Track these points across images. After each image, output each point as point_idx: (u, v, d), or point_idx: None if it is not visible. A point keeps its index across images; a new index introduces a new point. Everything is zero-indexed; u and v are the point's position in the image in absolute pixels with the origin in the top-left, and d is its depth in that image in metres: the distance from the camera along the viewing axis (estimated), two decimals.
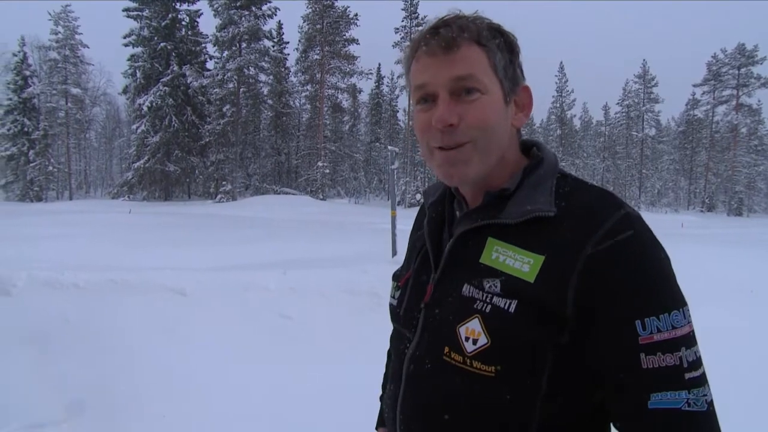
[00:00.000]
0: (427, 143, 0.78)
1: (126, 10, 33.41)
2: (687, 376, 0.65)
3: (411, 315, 0.82)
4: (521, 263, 0.70)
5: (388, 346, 1.02)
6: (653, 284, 0.68)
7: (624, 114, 51.03)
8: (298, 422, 2.84)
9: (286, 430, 2.76)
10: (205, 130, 33.08)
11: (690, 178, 52.21)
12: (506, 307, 0.69)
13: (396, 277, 0.92)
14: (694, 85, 48.37)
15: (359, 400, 3.06)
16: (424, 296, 0.80)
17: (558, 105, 49.16)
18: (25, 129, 33.27)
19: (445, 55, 0.73)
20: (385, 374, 1.06)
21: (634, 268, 0.67)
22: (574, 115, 54.22)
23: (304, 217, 18.19)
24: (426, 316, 0.79)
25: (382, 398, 1.04)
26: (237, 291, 4.99)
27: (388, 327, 0.98)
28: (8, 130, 33.17)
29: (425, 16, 41.02)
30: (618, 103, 51.70)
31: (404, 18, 41.11)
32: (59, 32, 37.83)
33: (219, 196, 30.48)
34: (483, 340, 0.70)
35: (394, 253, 6.35)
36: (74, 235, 9.15)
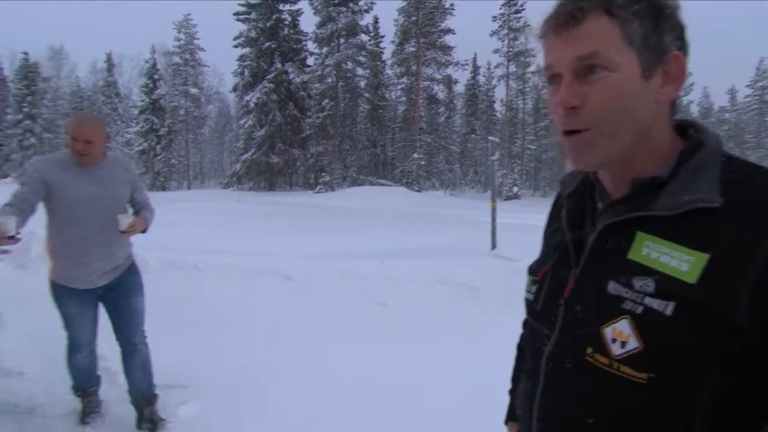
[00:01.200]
0: (557, 126, 0.73)
1: (236, 14, 35.88)
2: None
3: (549, 311, 0.77)
4: (679, 261, 0.62)
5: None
6: None
7: (756, 98, 45.24)
8: (393, 406, 2.86)
9: (381, 413, 2.80)
10: (305, 124, 34.68)
11: None
12: (662, 310, 0.62)
13: (532, 270, 0.86)
14: None
15: (456, 388, 3.03)
16: (563, 292, 0.75)
17: None
18: (154, 126, 37.33)
19: (568, 33, 0.67)
20: (515, 368, 1.02)
21: None
22: (692, 101, 48.98)
23: (399, 208, 18.38)
24: (566, 313, 0.73)
25: (511, 392, 1.00)
26: (337, 278, 5.16)
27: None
28: (141, 127, 37.56)
29: (524, 3, 39.39)
30: (749, 86, 45.89)
31: (502, 5, 39.76)
32: (181, 39, 42.12)
33: (318, 187, 31.82)
34: (633, 343, 0.63)
35: (494, 246, 6.18)
36: (193, 221, 10.06)
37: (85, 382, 2.72)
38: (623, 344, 0.64)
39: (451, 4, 35.68)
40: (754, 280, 0.58)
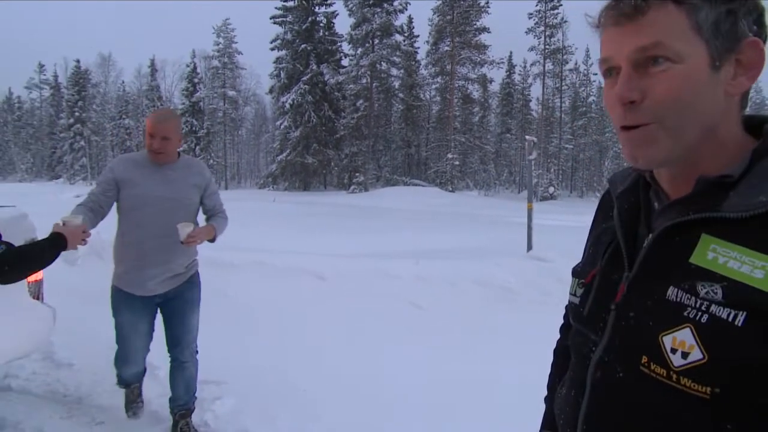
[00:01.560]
0: (613, 121, 0.68)
1: (273, 17, 36.57)
2: None
3: (598, 316, 0.72)
4: (752, 267, 0.57)
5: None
6: None
7: None
8: (426, 406, 2.85)
9: (414, 413, 2.79)
10: (340, 124, 35.00)
11: None
12: (731, 319, 0.57)
13: (577, 273, 0.81)
14: None
15: (488, 390, 2.99)
16: (615, 296, 0.70)
17: None
18: (193, 128, 38.51)
19: (630, 23, 0.63)
20: (552, 375, 0.97)
21: None
22: None
23: (433, 208, 18.31)
24: (617, 318, 0.69)
25: (547, 399, 0.96)
26: (370, 278, 5.18)
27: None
28: (181, 130, 38.79)
29: (560, 1, 38.52)
30: None
31: (538, 2, 39.02)
32: (220, 43, 43.41)
33: (352, 187, 32.03)
34: (697, 354, 0.58)
35: (529, 247, 6.07)
36: (229, 220, 10.31)
37: (130, 379, 2.76)
38: (685, 355, 0.59)
39: (487, 2, 35.24)
40: None
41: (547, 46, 39.51)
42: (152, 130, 2.35)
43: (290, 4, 35.59)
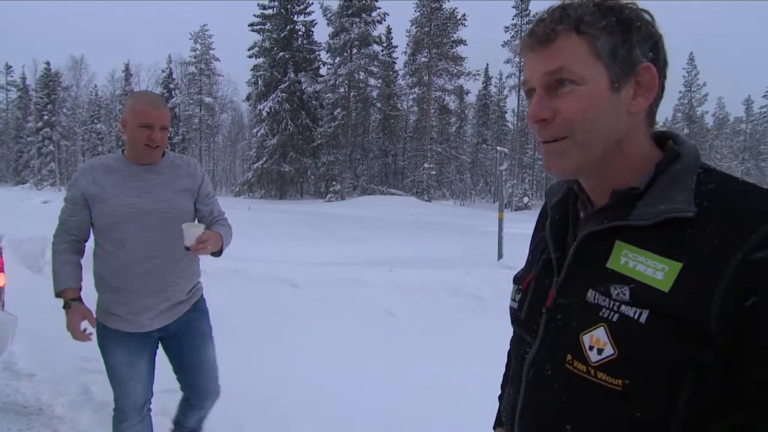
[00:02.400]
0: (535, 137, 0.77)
1: (251, 24, 36.47)
2: None
3: (532, 319, 0.80)
4: (654, 270, 0.64)
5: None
6: None
7: None
8: (396, 414, 2.87)
9: (385, 422, 2.80)
10: (317, 133, 34.98)
11: None
12: (636, 317, 0.64)
13: (517, 279, 0.89)
14: None
15: (459, 399, 3.02)
16: (546, 300, 0.77)
17: (686, 101, 44.26)
18: (169, 135, 37.90)
19: (541, 50, 0.71)
20: (505, 375, 1.04)
21: None
22: (706, 112, 48.26)
23: (409, 217, 18.38)
24: (548, 321, 0.76)
25: (500, 398, 1.02)
26: (344, 286, 5.19)
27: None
28: None
29: (536, 14, 39.30)
30: (765, 96, 45.31)
31: (515, 16, 39.89)
32: (197, 49, 43.04)
33: (329, 196, 31.97)
34: (609, 350, 0.65)
35: (500, 256, 6.17)
36: None
37: None
38: (600, 351, 0.66)
39: (464, 15, 35.86)
40: (726, 290, 0.59)
41: (523, 59, 40.33)
42: (149, 119, 1.88)
43: (269, 12, 35.58)
